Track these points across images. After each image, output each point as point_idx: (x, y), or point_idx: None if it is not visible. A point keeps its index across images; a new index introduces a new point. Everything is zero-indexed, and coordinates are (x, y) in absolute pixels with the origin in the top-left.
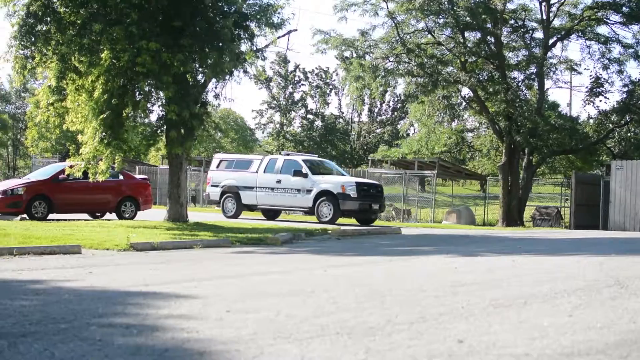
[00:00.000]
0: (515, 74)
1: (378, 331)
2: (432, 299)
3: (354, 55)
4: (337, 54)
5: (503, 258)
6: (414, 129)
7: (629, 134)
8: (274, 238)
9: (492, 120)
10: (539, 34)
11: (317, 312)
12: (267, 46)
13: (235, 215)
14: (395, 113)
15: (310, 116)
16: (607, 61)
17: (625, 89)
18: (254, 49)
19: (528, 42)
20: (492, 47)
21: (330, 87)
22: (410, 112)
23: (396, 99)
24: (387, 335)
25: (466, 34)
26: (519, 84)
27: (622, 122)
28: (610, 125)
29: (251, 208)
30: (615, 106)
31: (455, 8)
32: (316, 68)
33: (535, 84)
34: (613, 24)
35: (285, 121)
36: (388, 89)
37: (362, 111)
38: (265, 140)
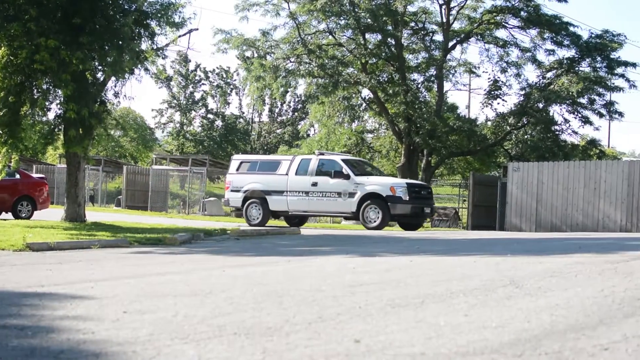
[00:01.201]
0: (415, 76)
1: (276, 331)
2: (330, 299)
3: (255, 55)
4: (238, 54)
5: (401, 258)
6: (314, 130)
7: (525, 136)
8: (172, 238)
9: (391, 121)
10: (439, 37)
11: (214, 312)
12: (167, 45)
13: (262, 223)
14: (296, 113)
15: (210, 116)
16: (505, 64)
17: (522, 92)
18: (155, 47)
19: (428, 44)
20: (393, 49)
21: (231, 87)
22: (310, 112)
23: (297, 100)
24: (284, 335)
25: (367, 36)
26: (419, 86)
27: (519, 124)
28: (508, 128)
29: (280, 215)
30: (513, 109)
31: (356, 10)
32: (217, 68)
33: (435, 86)
34: (511, 28)
35: (185, 120)
36: (289, 89)
37: (262, 111)
38: (165, 140)
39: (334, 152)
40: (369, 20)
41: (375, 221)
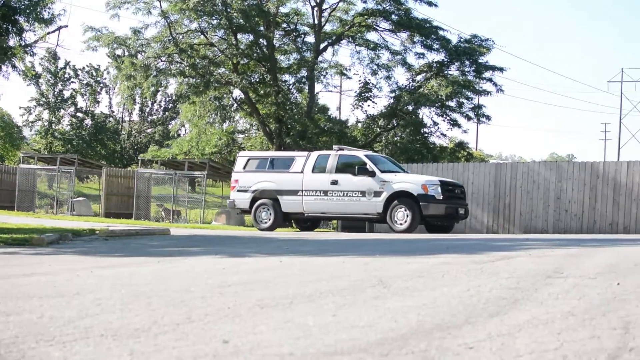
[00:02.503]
0: (287, 77)
1: (143, 333)
2: (199, 299)
3: (126, 53)
4: (109, 52)
5: (270, 259)
6: (185, 130)
7: (395, 138)
8: (40, 239)
9: (262, 122)
10: (311, 38)
11: (81, 313)
12: (36, 42)
13: (273, 227)
14: (167, 113)
15: (80, 114)
16: (375, 67)
17: (392, 95)
18: (23, 44)
19: (300, 46)
20: (265, 50)
21: (101, 85)
22: (181, 112)
23: (168, 99)
24: (152, 336)
25: (239, 36)
26: (290, 87)
27: (389, 126)
28: (378, 129)
29: (294, 217)
30: (383, 111)
31: (228, 10)
32: (87, 66)
33: (306, 87)
34: (382, 31)
35: (54, 119)
36: (160, 88)
37: (133, 110)
38: (33, 138)
39: (353, 148)
40: (241, 20)
41: (403, 223)
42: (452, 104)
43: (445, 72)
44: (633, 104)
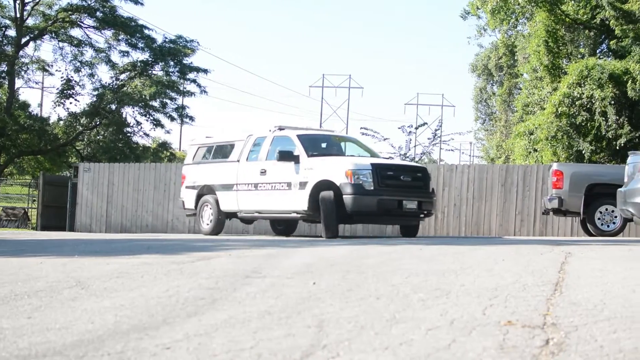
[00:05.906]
0: None
1: None
2: None
3: None
4: None
5: None
6: None
7: (98, 137)
8: None
9: None
10: (12, 32)
11: None
12: None
13: (214, 230)
14: None
15: None
16: (79, 64)
17: (96, 93)
18: None
19: (0, 39)
20: None
21: None
22: None
23: None
24: None
25: None
26: None
27: (92, 124)
28: (80, 128)
29: (234, 217)
30: (86, 109)
31: None
32: None
33: (6, 82)
34: (87, 27)
35: None
36: None
37: None
38: None
39: (301, 127)
40: None
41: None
42: (156, 104)
43: (150, 71)
44: (333, 108)
